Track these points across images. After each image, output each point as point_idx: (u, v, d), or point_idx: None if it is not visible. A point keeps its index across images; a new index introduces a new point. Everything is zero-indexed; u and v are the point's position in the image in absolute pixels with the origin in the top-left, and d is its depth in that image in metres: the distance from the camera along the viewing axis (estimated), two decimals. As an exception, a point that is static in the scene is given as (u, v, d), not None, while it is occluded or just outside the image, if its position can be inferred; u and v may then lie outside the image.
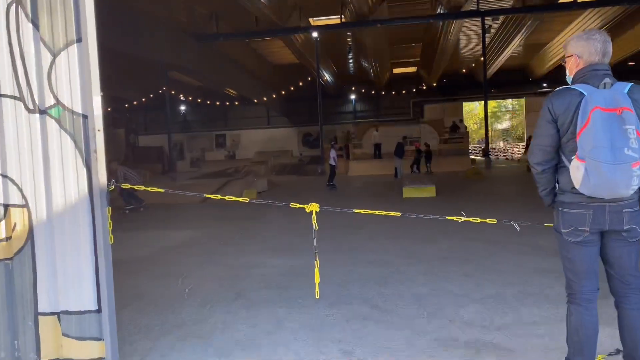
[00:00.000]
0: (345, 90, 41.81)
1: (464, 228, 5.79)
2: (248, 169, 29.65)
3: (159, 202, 13.49)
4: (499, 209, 9.13)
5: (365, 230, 7.43)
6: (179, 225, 9.13)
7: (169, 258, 6.12)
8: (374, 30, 24.45)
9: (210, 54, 26.83)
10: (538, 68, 37.72)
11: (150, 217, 10.54)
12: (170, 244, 7.05)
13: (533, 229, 3.93)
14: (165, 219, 10.11)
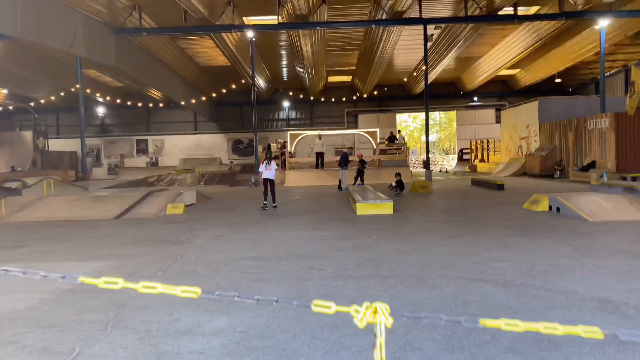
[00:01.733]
0: (279, 97, 40.28)
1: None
2: (172, 177, 27.22)
3: (61, 217, 11.21)
4: (480, 231, 7.90)
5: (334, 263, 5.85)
6: (80, 251, 7.10)
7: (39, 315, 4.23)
8: (311, 34, 23.16)
9: (132, 50, 24.33)
10: (469, 82, 38.19)
11: (34, 239, 8.36)
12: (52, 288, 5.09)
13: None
14: (53, 242, 8.00)
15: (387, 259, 5.78)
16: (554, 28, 24.70)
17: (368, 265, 5.48)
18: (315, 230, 8.23)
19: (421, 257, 5.86)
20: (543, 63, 32.86)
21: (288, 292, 4.49)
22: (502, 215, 9.59)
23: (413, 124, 58.94)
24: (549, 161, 22.04)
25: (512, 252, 6.04)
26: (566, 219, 8.83)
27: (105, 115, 41.41)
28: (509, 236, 7.20)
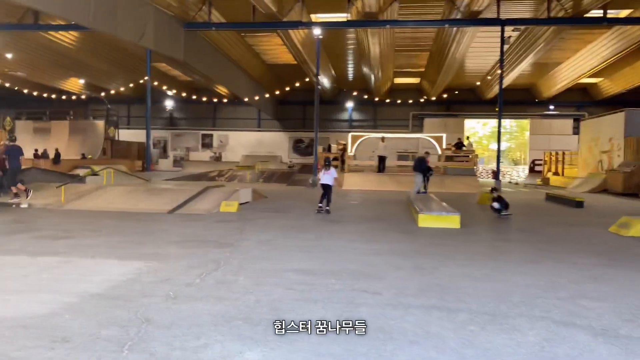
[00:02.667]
0: (342, 97, 39.70)
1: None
2: (233, 173, 27.26)
3: (116, 208, 11.11)
4: (562, 256, 6.90)
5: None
6: (123, 247, 6.77)
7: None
8: (380, 33, 22.38)
9: (200, 45, 24.56)
10: (545, 89, 36.00)
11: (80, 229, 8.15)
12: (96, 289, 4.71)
13: None
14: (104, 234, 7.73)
15: (454, 286, 4.97)
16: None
17: (432, 292, 4.71)
18: (371, 243, 7.50)
19: (495, 287, 5.01)
20: (630, 72, 30.32)
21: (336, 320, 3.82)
22: (586, 239, 8.46)
23: (482, 131, 56.58)
24: (634, 179, 20.04)
25: (606, 288, 5.07)
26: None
27: (173, 108, 42.45)
28: (598, 266, 6.17)
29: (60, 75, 33.79)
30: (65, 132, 35.22)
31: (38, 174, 14.85)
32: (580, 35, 25.35)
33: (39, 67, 31.01)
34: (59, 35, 25.52)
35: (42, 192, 12.81)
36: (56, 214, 10.42)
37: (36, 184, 13.67)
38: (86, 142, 34.79)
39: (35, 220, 9.29)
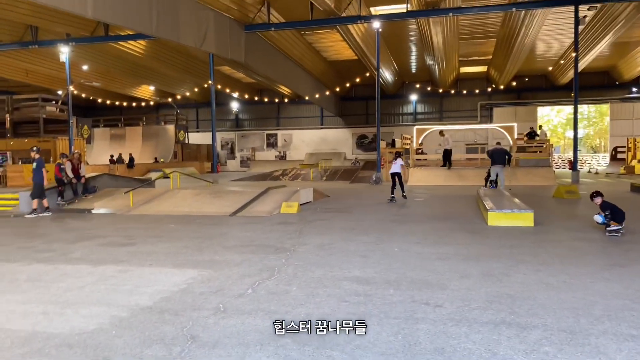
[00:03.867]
0: (406, 90, 38.82)
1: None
2: (296, 172, 27.34)
3: (181, 212, 11.29)
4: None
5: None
6: (181, 254, 6.76)
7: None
8: (442, 21, 21.52)
9: (261, 47, 24.75)
10: (626, 71, 33.35)
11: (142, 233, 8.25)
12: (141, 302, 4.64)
13: None
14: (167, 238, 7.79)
15: (527, 296, 4.48)
16: None
17: (501, 305, 4.25)
18: (435, 245, 7.04)
19: (575, 297, 4.46)
20: None
21: (391, 339, 3.49)
22: (682, 236, 7.54)
23: (557, 118, 53.52)
24: None
25: None
26: None
27: (239, 110, 43.34)
28: (699, 270, 5.41)
29: (132, 83, 35.41)
30: (138, 137, 36.95)
31: (109, 180, 15.46)
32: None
33: (112, 76, 32.62)
34: (129, 45, 26.65)
35: (112, 198, 13.30)
36: (123, 219, 10.73)
37: (107, 189, 14.24)
38: (158, 146, 36.30)
39: (103, 227, 9.58)
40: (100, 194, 13.88)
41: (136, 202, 12.57)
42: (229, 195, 13.04)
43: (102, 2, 13.61)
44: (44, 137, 24.04)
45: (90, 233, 8.77)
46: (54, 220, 10.85)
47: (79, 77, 30.07)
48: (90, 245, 7.47)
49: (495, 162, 14.81)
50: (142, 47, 27.61)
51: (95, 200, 13.30)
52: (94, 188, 14.10)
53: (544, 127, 27.53)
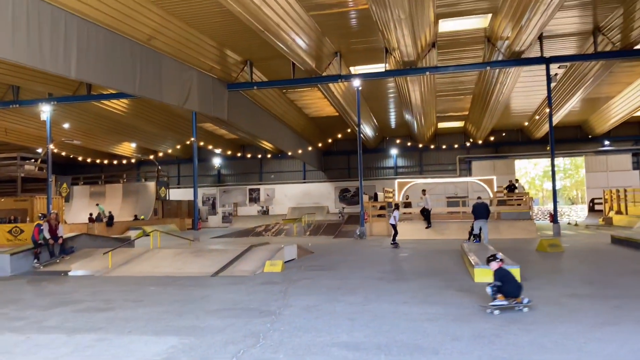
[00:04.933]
0: (386, 145, 39.48)
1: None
2: (279, 227, 27.13)
3: (161, 272, 10.98)
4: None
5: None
6: (161, 319, 6.50)
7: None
8: (420, 79, 22.20)
9: (243, 104, 25.11)
10: (598, 125, 34.53)
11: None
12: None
13: None
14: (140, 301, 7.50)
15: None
16: None
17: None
18: (424, 305, 6.92)
19: (570, 358, 4.36)
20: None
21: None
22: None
23: (534, 171, 54.75)
24: None
25: None
26: None
27: (221, 165, 43.39)
28: (689, 327, 5.37)
29: (113, 141, 35.34)
30: (119, 194, 36.54)
31: (87, 240, 15.11)
32: (631, 67, 24.28)
33: (94, 134, 32.56)
34: (111, 104, 26.79)
35: (90, 259, 12.94)
36: (101, 281, 10.38)
37: (85, 250, 13.88)
38: (139, 203, 35.88)
39: (79, 290, 9.24)
40: (78, 255, 13.50)
41: (115, 263, 12.23)
42: (211, 254, 12.79)
43: (86, 62, 13.74)
44: (21, 196, 23.59)
45: (66, 298, 8.43)
46: (29, 284, 10.45)
47: (59, 135, 29.95)
48: (66, 312, 7.15)
49: (478, 216, 14.92)
50: (125, 106, 27.79)
51: (72, 261, 12.91)
52: (72, 249, 13.72)
53: (520, 181, 28.03)
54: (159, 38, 18.23)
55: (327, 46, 20.39)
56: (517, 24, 16.87)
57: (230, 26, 18.36)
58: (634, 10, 16.82)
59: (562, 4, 15.50)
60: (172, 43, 18.78)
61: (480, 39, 20.05)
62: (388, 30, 16.87)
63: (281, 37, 17.00)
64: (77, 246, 14.08)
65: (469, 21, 18.42)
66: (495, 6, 17.04)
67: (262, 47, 19.76)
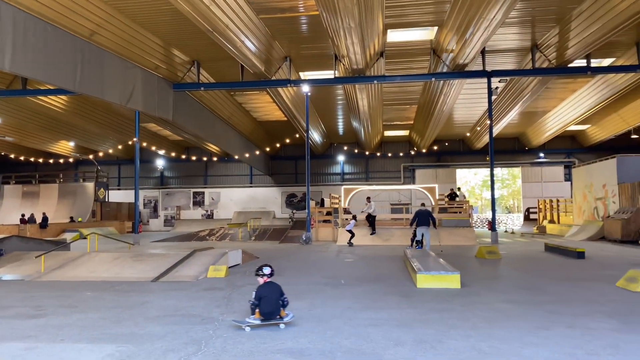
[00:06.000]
0: (334, 151, 39.80)
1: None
2: (224, 232, 26.72)
3: (98, 277, 10.52)
4: (573, 320, 6.42)
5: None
6: (97, 327, 6.20)
7: None
8: (368, 88, 22.55)
9: (189, 105, 24.57)
10: (534, 138, 36.29)
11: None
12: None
13: None
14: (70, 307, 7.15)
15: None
16: (632, 81, 22.90)
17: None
18: (368, 310, 6.97)
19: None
20: (617, 118, 30.67)
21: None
22: (594, 296, 7.97)
23: (474, 180, 56.78)
24: (632, 225, 19.73)
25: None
26: (681, 305, 7.14)
27: (164, 167, 42.26)
28: (614, 332, 5.67)
29: (49, 139, 33.64)
30: (54, 195, 34.81)
31: (18, 242, 14.26)
32: (565, 84, 25.72)
33: (28, 131, 30.87)
34: (48, 100, 25.53)
35: (21, 262, 12.22)
36: (33, 286, 9.81)
37: (15, 253, 13.10)
38: (76, 204, 34.32)
39: (8, 296, 8.68)
40: (7, 258, 12.71)
41: (48, 267, 11.61)
42: (152, 259, 12.38)
43: (22, 55, 13.02)
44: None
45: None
46: (-51, 289, 9.72)
47: (-10, 130, 28.25)
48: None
49: (420, 223, 15.26)
50: (63, 102, 26.54)
51: (0, 265, 12.14)
52: (1, 252, 12.91)
53: (462, 189, 28.99)
54: (102, 34, 17.61)
55: (277, 50, 20.34)
56: (461, 38, 17.47)
57: (178, 25, 17.98)
58: (569, 30, 17.82)
59: (503, 21, 16.20)
60: (116, 39, 18.17)
61: (426, 50, 20.62)
62: (338, 37, 17.02)
63: (230, 38, 16.82)
64: (6, 249, 13.27)
65: (416, 33, 18.90)
66: (441, 19, 17.58)
67: (210, 47, 19.46)
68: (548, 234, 27.53)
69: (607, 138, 34.19)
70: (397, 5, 16.60)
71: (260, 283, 6.16)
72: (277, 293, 6.04)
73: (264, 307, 5.89)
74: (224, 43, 17.22)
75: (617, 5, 15.16)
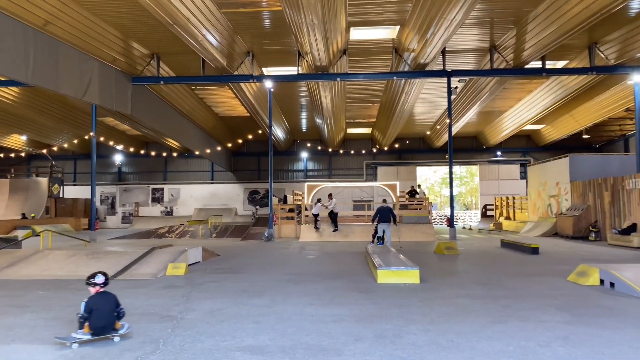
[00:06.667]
0: (297, 148, 39.75)
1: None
2: (184, 229, 26.30)
3: (52, 276, 10.17)
4: (527, 313, 6.64)
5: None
6: (50, 327, 5.99)
7: None
8: (331, 85, 22.62)
9: (149, 99, 24.04)
10: (491, 137, 37.25)
11: None
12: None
13: None
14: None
15: (419, 359, 4.54)
16: (583, 83, 23.81)
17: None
18: (330, 306, 7.01)
19: (464, 357, 4.61)
20: (570, 119, 31.85)
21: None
22: (547, 291, 8.26)
23: (434, 177, 57.83)
24: (583, 222, 20.56)
25: (578, 352, 4.75)
26: (626, 298, 7.48)
27: (122, 163, 41.23)
28: (565, 324, 5.90)
29: (0, 132, 32.26)
30: (4, 190, 33.41)
31: (-35, 240, 13.62)
32: (521, 85, 26.51)
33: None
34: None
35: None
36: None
37: (-38, 251, 12.51)
38: (28, 200, 33.05)
39: (-47, 296, 8.29)
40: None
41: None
42: (108, 256, 12.06)
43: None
44: None
45: (-64, 305, 7.52)
46: None
47: None
48: None
49: (382, 219, 15.43)
50: (15, 94, 25.47)
51: (-55, 264, 11.56)
52: (-55, 250, 12.31)
53: (422, 186, 29.50)
54: (57, 24, 16.99)
55: (240, 45, 20.14)
56: (422, 38, 17.74)
57: (137, 17, 17.55)
58: (525, 33, 18.36)
59: (463, 21, 16.53)
60: (72, 30, 17.58)
61: (388, 49, 20.84)
62: (301, 34, 16.99)
63: (191, 32, 16.53)
64: (-49, 247, 12.66)
65: (378, 31, 19.07)
66: (403, 19, 17.80)
67: (170, 41, 19.09)
68: (504, 231, 28.35)
69: (561, 138, 35.48)
70: (360, 4, 16.71)
71: (91, 293, 5.37)
72: (111, 304, 5.36)
73: (95, 321, 5.17)
74: (185, 37, 16.92)
75: (570, 10, 15.72)
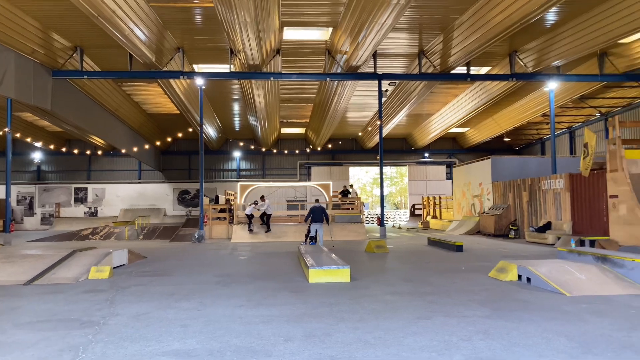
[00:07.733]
0: (230, 147, 39.19)
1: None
2: (109, 230, 25.19)
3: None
4: (451, 309, 6.90)
5: None
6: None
7: None
8: (264, 84, 22.49)
9: (71, 94, 22.81)
10: (419, 139, 38.53)
11: None
12: None
13: None
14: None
15: (348, 356, 4.61)
16: (505, 89, 25.16)
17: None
18: (260, 307, 6.96)
19: (390, 353, 4.73)
20: (492, 122, 33.55)
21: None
22: (470, 286, 8.65)
23: (365, 178, 58.99)
24: (503, 221, 21.74)
25: (496, 345, 5.01)
26: (541, 292, 7.97)
27: (41, 161, 38.87)
28: (485, 318, 6.20)
29: None
30: None
31: None
32: (448, 89, 27.62)
33: None
34: None
35: None
36: None
37: None
38: None
39: None
40: None
41: None
42: (25, 260, 11.31)
43: None
44: None
45: None
46: None
47: None
48: None
49: (315, 219, 15.55)
50: None
51: None
52: None
53: (354, 186, 30.03)
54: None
55: (170, 41, 19.58)
56: (354, 40, 18.05)
57: (58, 7, 16.63)
58: (452, 39, 19.15)
59: (394, 26, 16.98)
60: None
61: (322, 50, 21.03)
62: (233, 31, 16.77)
63: (117, 25, 15.87)
64: None
65: (312, 32, 19.19)
66: (336, 21, 18.02)
67: (95, 34, 18.25)
68: (431, 229, 29.42)
69: (484, 140, 37.32)
70: (294, 4, 16.73)
71: None
72: None
73: None
74: (111, 30, 16.23)
75: (493, 18, 16.56)
